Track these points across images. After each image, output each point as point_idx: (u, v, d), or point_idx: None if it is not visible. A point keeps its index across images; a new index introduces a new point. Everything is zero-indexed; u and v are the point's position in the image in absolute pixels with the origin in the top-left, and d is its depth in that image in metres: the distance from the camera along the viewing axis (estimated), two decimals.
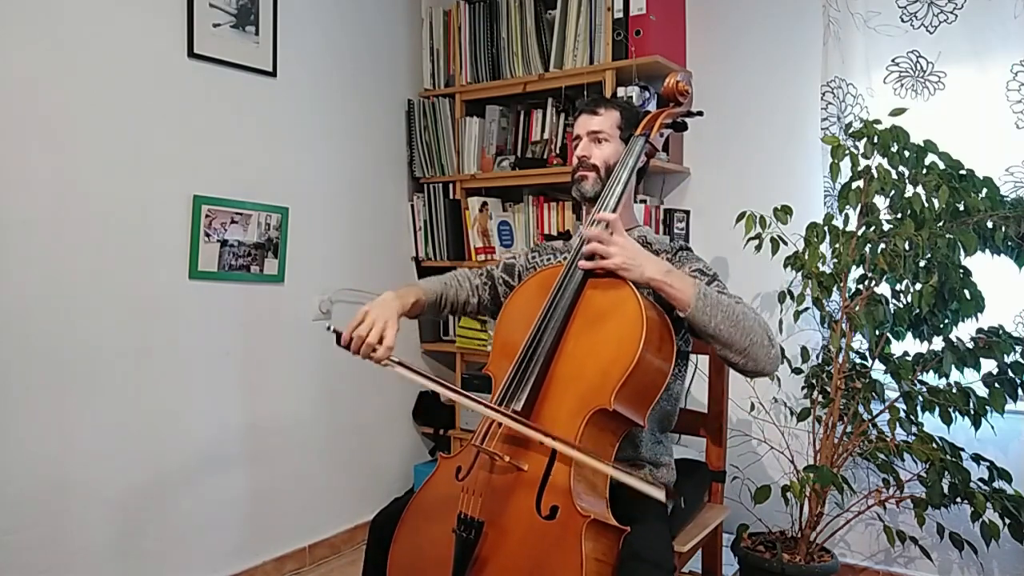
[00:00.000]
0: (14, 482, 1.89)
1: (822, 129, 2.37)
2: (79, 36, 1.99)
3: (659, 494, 1.19)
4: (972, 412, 1.93)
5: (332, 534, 2.73)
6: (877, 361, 2.11)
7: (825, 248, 2.11)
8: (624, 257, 1.38)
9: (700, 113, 1.73)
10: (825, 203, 2.37)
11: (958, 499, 1.97)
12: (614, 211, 1.50)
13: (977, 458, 2.00)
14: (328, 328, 1.42)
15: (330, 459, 2.73)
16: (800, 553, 2.14)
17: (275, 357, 2.53)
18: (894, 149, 1.99)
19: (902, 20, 2.29)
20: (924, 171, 1.97)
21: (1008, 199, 1.96)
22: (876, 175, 2.00)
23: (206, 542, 2.33)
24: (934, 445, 1.98)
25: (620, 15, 2.54)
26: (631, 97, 2.47)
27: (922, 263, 1.95)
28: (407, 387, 3.06)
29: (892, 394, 2.08)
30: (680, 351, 1.53)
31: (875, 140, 2.00)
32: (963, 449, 2.01)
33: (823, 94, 2.38)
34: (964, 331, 2.00)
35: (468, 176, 2.91)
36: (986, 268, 1.99)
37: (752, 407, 2.39)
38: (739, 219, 2.21)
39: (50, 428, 1.96)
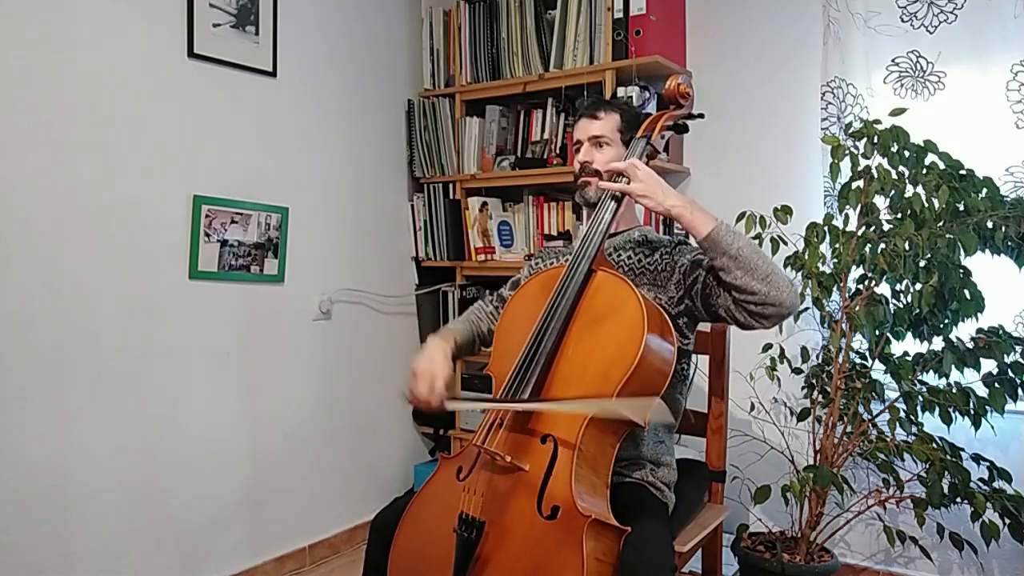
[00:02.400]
0: (14, 482, 1.89)
1: (822, 129, 2.37)
2: (79, 36, 1.99)
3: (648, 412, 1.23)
4: (972, 412, 1.93)
5: (332, 534, 2.73)
6: (877, 361, 2.11)
7: (825, 248, 2.11)
8: (646, 185, 1.44)
9: (701, 115, 1.72)
10: (825, 203, 2.37)
11: (958, 499, 1.97)
12: (615, 212, 1.50)
13: (977, 458, 2.00)
14: (402, 395, 1.58)
15: (330, 459, 2.73)
16: (800, 553, 2.14)
17: (275, 357, 2.53)
18: (894, 149, 1.99)
19: (902, 20, 2.29)
20: (924, 171, 1.97)
21: (1008, 199, 1.96)
22: (876, 175, 2.00)
23: (206, 542, 2.33)
24: (934, 445, 1.99)
25: (620, 15, 2.54)
26: (631, 97, 2.47)
27: (922, 263, 1.95)
28: (407, 387, 3.05)
29: (892, 394, 2.08)
30: (682, 350, 1.53)
31: (875, 140, 2.00)
32: (963, 449, 2.01)
33: (823, 94, 2.38)
34: (964, 331, 2.00)
35: (468, 176, 2.91)
36: (986, 268, 1.99)
37: (752, 407, 2.39)
38: (739, 219, 2.21)
39: (50, 428, 1.96)
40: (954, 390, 1.96)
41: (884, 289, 2.06)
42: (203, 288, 2.30)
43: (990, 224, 1.93)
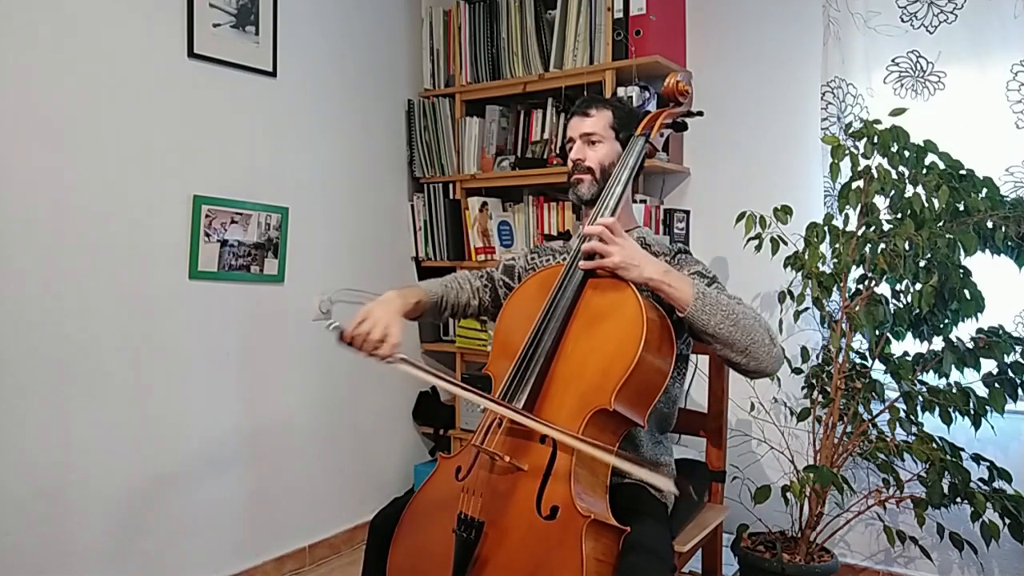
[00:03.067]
0: (14, 482, 1.89)
1: (822, 129, 2.37)
2: (79, 36, 1.99)
3: (667, 484, 1.24)
4: (972, 412, 1.93)
5: (332, 534, 2.73)
6: (877, 361, 2.11)
7: (825, 248, 2.11)
8: (623, 256, 1.37)
9: (700, 113, 1.72)
10: (825, 203, 2.37)
11: (958, 499, 1.97)
12: (614, 212, 1.50)
13: (977, 458, 2.00)
14: (328, 326, 1.41)
15: (330, 459, 2.73)
16: (800, 553, 2.14)
17: (275, 357, 2.53)
18: (894, 149, 1.99)
19: (902, 20, 2.29)
20: (924, 171, 1.97)
21: (1008, 199, 1.96)
22: (876, 175, 2.00)
23: (206, 542, 2.33)
24: (934, 445, 1.98)
25: (620, 15, 2.54)
26: (631, 97, 2.47)
27: (922, 263, 1.95)
28: (407, 387, 3.06)
29: (892, 394, 2.08)
30: (680, 354, 1.53)
31: (875, 140, 2.00)
32: (963, 449, 2.01)
33: (823, 94, 2.38)
34: (964, 331, 2.00)
35: (468, 176, 2.91)
36: (986, 268, 1.99)
37: (752, 407, 2.39)
38: (739, 219, 2.21)
39: (50, 428, 1.96)
40: (954, 390, 1.96)
41: (884, 289, 2.06)
42: (203, 288, 2.30)
43: (990, 224, 1.93)
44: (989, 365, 1.95)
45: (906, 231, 1.93)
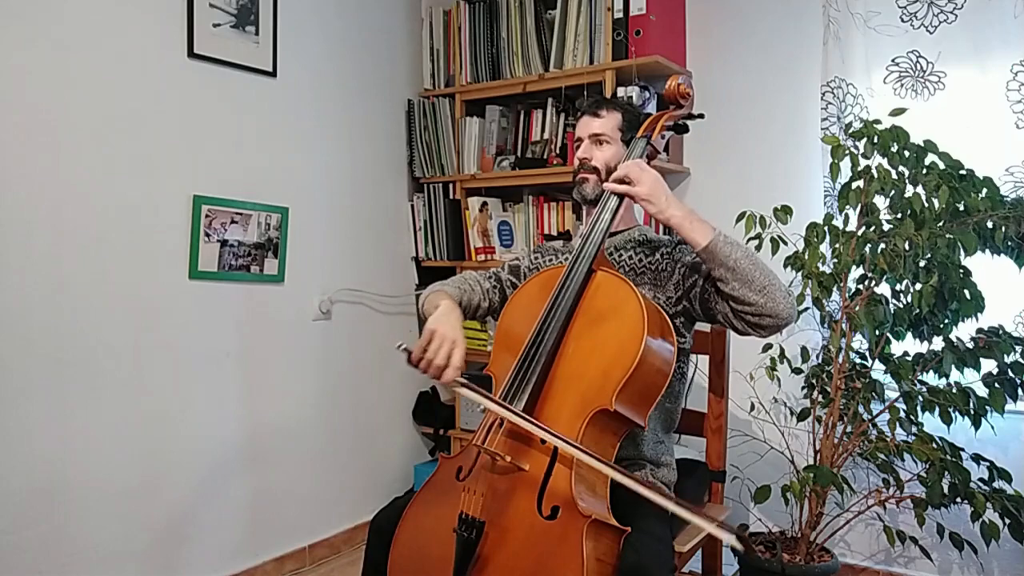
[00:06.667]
0: (14, 482, 1.89)
1: (822, 129, 2.37)
2: (79, 36, 1.99)
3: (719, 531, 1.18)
4: (972, 412, 1.93)
5: (332, 534, 2.73)
6: (877, 361, 2.11)
7: (825, 248, 2.11)
8: (651, 189, 1.43)
9: (701, 116, 1.72)
10: (825, 203, 2.37)
11: (958, 499, 1.97)
12: (616, 212, 1.50)
13: (977, 458, 2.00)
14: (399, 346, 1.41)
15: (330, 459, 2.73)
16: (800, 553, 2.14)
17: (275, 357, 2.53)
18: (894, 149, 1.99)
19: (902, 20, 2.29)
20: (924, 171, 1.97)
21: (1008, 199, 1.95)
22: (876, 175, 2.00)
23: (206, 542, 2.33)
24: (934, 445, 1.98)
25: (620, 15, 2.54)
26: (631, 97, 2.47)
27: (922, 263, 1.95)
28: (407, 387, 3.06)
29: (892, 394, 2.08)
30: (682, 349, 1.53)
31: (875, 140, 2.00)
32: (963, 449, 2.00)
33: (823, 94, 2.38)
34: (964, 331, 2.00)
35: (468, 176, 2.91)
36: (986, 268, 1.99)
37: (752, 407, 2.39)
38: (739, 219, 2.21)
39: (50, 428, 1.96)
40: (954, 390, 1.96)
41: (884, 289, 2.06)
42: (203, 288, 2.30)
43: (990, 224, 1.93)
44: (989, 365, 1.95)
45: (906, 231, 1.93)
